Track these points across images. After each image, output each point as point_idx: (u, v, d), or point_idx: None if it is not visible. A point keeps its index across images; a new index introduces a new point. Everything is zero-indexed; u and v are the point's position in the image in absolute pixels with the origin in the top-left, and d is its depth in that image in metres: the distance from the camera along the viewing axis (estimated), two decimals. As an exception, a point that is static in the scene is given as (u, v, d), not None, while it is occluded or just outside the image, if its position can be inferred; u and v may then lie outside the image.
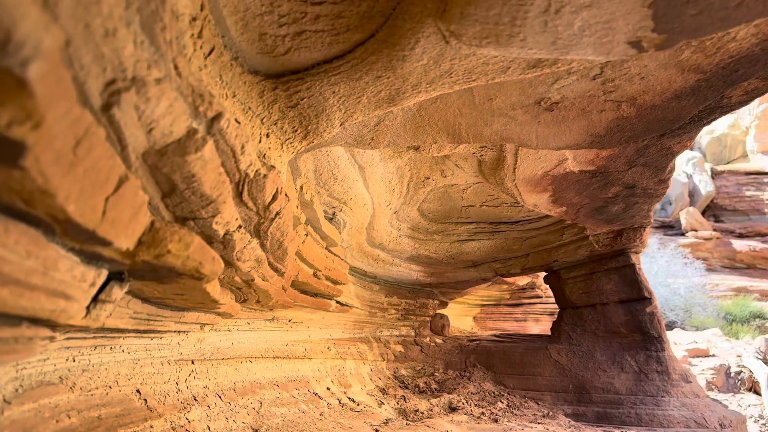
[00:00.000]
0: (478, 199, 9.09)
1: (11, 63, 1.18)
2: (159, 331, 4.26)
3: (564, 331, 10.33)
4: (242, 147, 2.76)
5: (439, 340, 12.73)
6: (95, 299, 2.51)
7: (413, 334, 12.90)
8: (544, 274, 13.58)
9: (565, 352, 10.04)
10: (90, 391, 3.58)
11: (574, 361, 9.83)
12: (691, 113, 3.79)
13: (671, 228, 41.28)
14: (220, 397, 5.57)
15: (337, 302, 9.05)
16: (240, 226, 3.43)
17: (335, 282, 8.25)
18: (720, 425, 8.31)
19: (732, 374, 14.42)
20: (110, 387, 3.80)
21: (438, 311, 13.99)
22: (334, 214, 7.72)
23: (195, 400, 4.96)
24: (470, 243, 10.70)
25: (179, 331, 4.79)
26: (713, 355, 15.92)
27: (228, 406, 5.57)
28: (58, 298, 1.93)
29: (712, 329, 18.33)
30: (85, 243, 2.05)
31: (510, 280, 16.56)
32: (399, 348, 12.08)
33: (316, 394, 8.27)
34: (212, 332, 5.92)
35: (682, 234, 37.22)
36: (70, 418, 3.03)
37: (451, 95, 3.70)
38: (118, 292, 2.67)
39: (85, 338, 3.65)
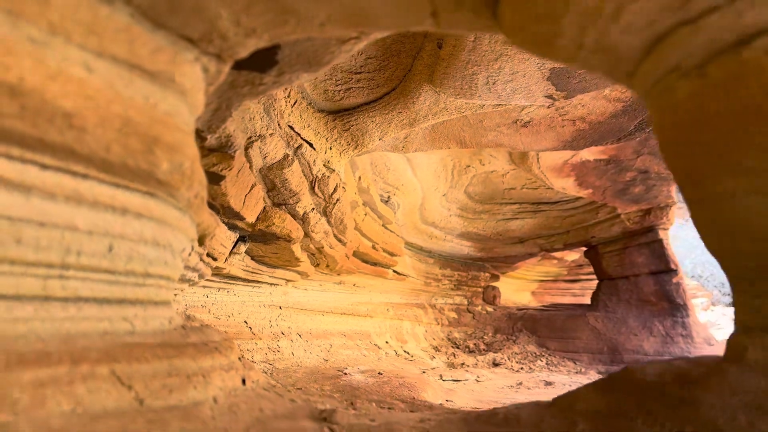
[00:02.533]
0: (517, 182, 10.48)
1: (236, 147, 3.01)
2: (258, 282, 6.24)
3: (601, 300, 11.57)
4: (314, 161, 4.56)
5: (489, 309, 14.27)
6: (231, 252, 4.43)
7: (466, 302, 14.52)
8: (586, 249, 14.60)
9: (602, 319, 11.30)
10: (218, 316, 5.62)
11: (609, 326, 11.09)
12: (631, 126, 5.06)
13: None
14: (299, 335, 7.57)
15: (394, 271, 10.88)
16: (313, 209, 5.26)
17: (391, 254, 10.07)
18: None
19: None
20: (229, 316, 5.83)
21: (491, 284, 15.47)
22: (389, 197, 9.47)
23: (282, 334, 6.97)
24: (515, 221, 12.09)
25: (271, 284, 6.77)
26: None
27: (306, 342, 7.56)
28: (223, 246, 3.82)
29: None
30: (231, 218, 3.94)
31: (565, 256, 17.65)
32: (452, 314, 13.76)
33: (376, 344, 10.18)
34: (294, 289, 7.91)
35: None
36: (210, 321, 5.05)
37: (453, 119, 5.26)
38: (242, 247, 4.58)
39: (214, 282, 5.66)
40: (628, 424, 1.79)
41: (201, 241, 2.87)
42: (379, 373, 6.16)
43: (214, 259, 3.96)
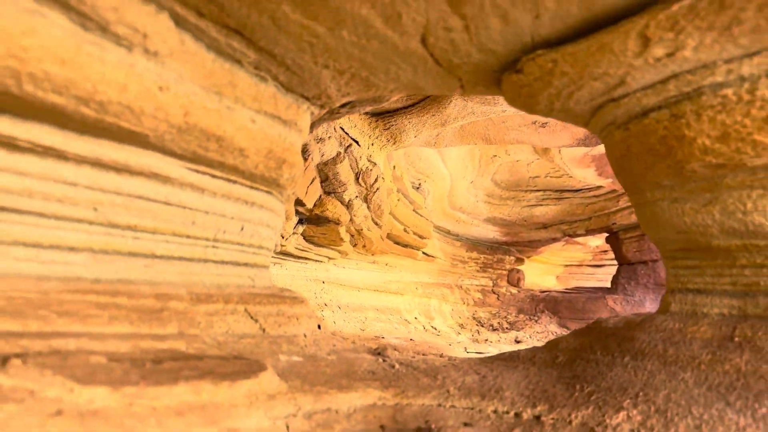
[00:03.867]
0: (542, 171, 11.16)
1: (309, 153, 3.90)
2: (306, 258, 7.20)
3: (620, 283, 12.21)
4: (360, 157, 5.43)
5: (514, 290, 15.03)
6: (293, 230, 5.36)
7: (491, 284, 15.30)
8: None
9: (620, 301, 11.97)
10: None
11: (627, 308, 11.76)
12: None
13: None
14: (339, 307, 8.55)
15: (424, 253, 11.75)
16: (357, 196, 6.15)
17: (421, 236, 10.93)
18: None
19: None
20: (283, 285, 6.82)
21: (516, 267, 16.19)
22: (420, 184, 10.29)
23: (325, 305, 7.95)
24: (539, 207, 12.76)
25: (316, 261, 7.73)
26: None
27: (345, 314, 8.54)
28: (285, 230, 4.75)
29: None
30: (296, 205, 4.85)
31: (588, 242, 18.17)
32: (478, 295, 14.59)
33: (405, 319, 11.11)
34: (334, 267, 8.86)
35: None
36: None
37: (479, 120, 6.01)
38: (300, 228, 5.51)
39: (273, 258, 6.64)
40: (591, 354, 2.64)
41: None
42: (411, 339, 7.07)
43: (282, 237, 4.90)
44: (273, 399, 2.15)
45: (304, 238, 6.39)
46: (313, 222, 5.68)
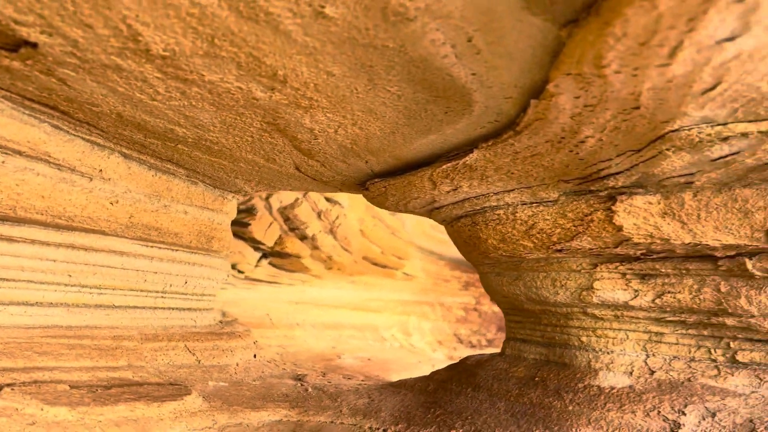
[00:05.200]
0: (514, 197, 11.97)
1: (256, 210, 4.80)
2: (278, 283, 8.08)
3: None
4: (318, 199, 6.31)
5: (496, 309, 15.81)
6: (256, 264, 6.25)
7: (473, 302, 16.10)
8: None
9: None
10: (246, 310, 7.48)
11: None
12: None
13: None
14: (313, 326, 9.41)
15: (403, 273, 12.58)
16: (321, 231, 7.02)
17: (399, 258, 11.76)
18: None
19: None
20: (254, 310, 7.69)
21: (500, 285, 16.96)
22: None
23: (297, 324, 8.81)
24: (516, 230, 13.56)
25: (289, 284, 8.60)
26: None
27: (318, 332, 9.39)
28: (248, 263, 5.64)
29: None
30: (256, 244, 5.75)
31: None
32: (460, 312, 15.38)
33: (382, 336, 11.94)
34: (310, 287, 9.73)
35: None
36: (239, 316, 6.89)
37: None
38: (264, 261, 6.40)
39: (244, 284, 7.52)
40: (450, 385, 3.48)
41: (233, 266, 4.68)
42: (368, 359, 7.89)
43: (242, 272, 5.77)
44: (194, 416, 3.02)
45: (273, 266, 7.27)
46: (277, 255, 6.55)
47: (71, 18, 1.56)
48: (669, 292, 2.64)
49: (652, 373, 2.79)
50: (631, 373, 2.83)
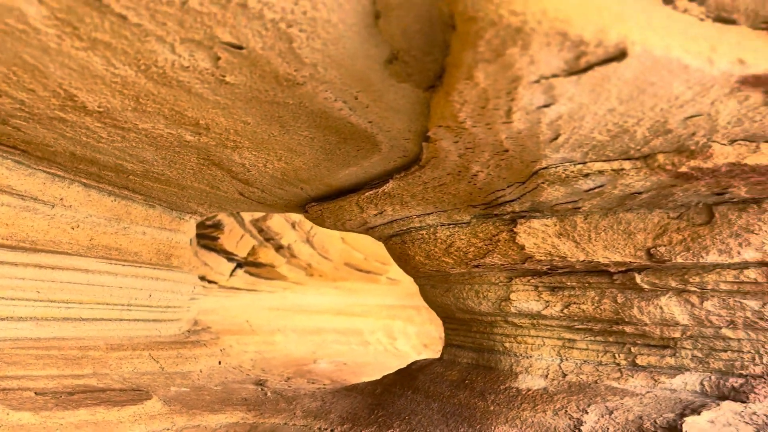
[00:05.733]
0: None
1: (224, 224, 5.12)
2: (257, 290, 8.38)
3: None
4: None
5: (481, 312, 16.13)
6: (231, 274, 6.56)
7: (460, 305, 16.44)
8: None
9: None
10: (225, 317, 7.79)
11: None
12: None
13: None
14: (294, 331, 9.71)
15: (388, 278, 12.88)
16: (296, 240, 7.32)
17: (383, 263, 12.05)
18: None
19: None
20: (234, 317, 7.99)
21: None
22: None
23: (278, 330, 9.12)
24: (498, 235, 13.89)
25: (269, 292, 8.90)
26: None
27: (299, 337, 9.69)
28: (221, 274, 5.95)
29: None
30: (229, 255, 6.06)
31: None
32: (446, 316, 15.71)
33: (366, 340, 12.24)
34: (292, 294, 10.03)
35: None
36: (218, 324, 7.19)
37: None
38: (239, 271, 6.71)
39: (222, 292, 7.83)
40: (394, 388, 3.79)
41: (203, 278, 4.99)
42: (344, 363, 8.20)
43: (215, 282, 6.09)
44: (153, 418, 3.32)
45: (250, 275, 7.58)
46: (251, 265, 6.86)
47: (16, 84, 1.88)
48: (575, 303, 2.96)
49: (565, 376, 3.11)
50: (546, 376, 3.14)
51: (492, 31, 1.28)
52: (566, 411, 2.92)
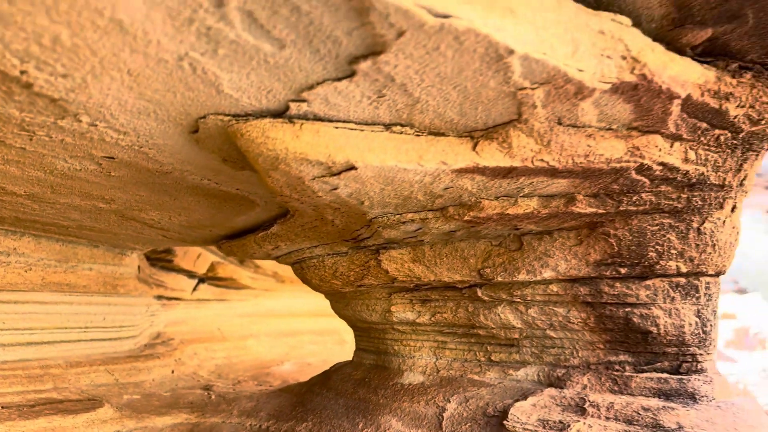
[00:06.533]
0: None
1: (174, 252, 5.83)
2: (227, 300, 9.10)
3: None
4: (243, 229, 7.34)
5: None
6: (194, 289, 7.27)
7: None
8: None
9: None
10: (194, 327, 8.50)
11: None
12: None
13: (785, 187, 39.43)
14: (267, 335, 10.44)
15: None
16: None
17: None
18: None
19: (751, 335, 16.86)
20: (204, 326, 8.71)
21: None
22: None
23: (251, 335, 9.85)
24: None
25: (240, 300, 9.62)
26: (738, 319, 17.94)
27: (273, 341, 10.42)
28: (182, 290, 6.66)
29: (754, 294, 19.97)
30: (189, 273, 6.78)
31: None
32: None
33: (343, 339, 12.99)
34: (265, 300, 10.75)
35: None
36: (187, 334, 7.91)
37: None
38: (202, 286, 7.42)
39: (191, 303, 8.54)
40: (315, 388, 4.51)
41: (161, 297, 5.71)
42: (308, 364, 8.94)
43: (177, 298, 6.80)
44: (105, 423, 4.05)
45: (216, 287, 8.29)
46: (212, 281, 7.57)
47: (-40, 183, 2.58)
48: (439, 312, 3.67)
49: (438, 371, 3.83)
50: (424, 372, 3.87)
51: (262, 157, 1.99)
52: (435, 401, 3.64)
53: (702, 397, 2.95)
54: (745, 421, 2.93)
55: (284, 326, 11.38)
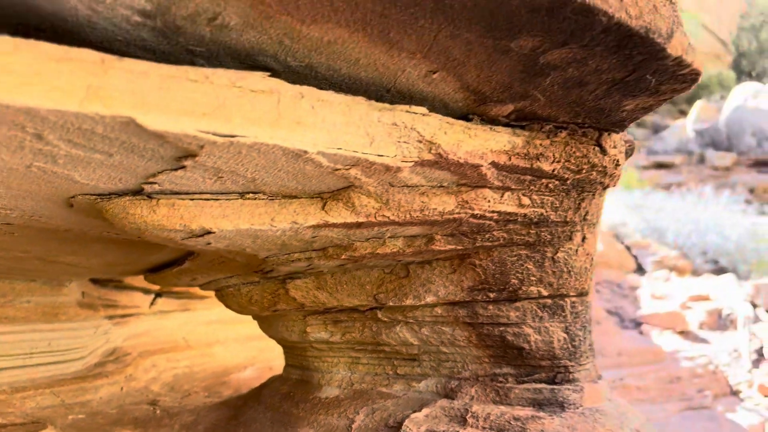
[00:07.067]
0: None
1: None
2: (191, 309, 9.45)
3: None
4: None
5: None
6: (152, 303, 7.62)
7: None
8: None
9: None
10: (157, 338, 8.85)
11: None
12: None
13: (766, 165, 39.81)
14: (235, 341, 10.82)
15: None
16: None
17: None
18: (617, 354, 12.31)
19: (723, 316, 17.42)
20: (168, 336, 9.06)
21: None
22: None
23: (217, 341, 10.22)
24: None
25: (205, 309, 9.97)
26: (712, 300, 18.42)
27: (240, 346, 10.80)
28: (138, 306, 7.01)
29: (728, 275, 20.43)
30: (143, 289, 7.12)
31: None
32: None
33: (314, 340, 13.41)
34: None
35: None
36: (150, 346, 8.25)
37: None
38: (159, 300, 7.76)
39: (154, 316, 8.88)
40: (250, 401, 4.90)
41: (113, 316, 6.06)
42: (269, 368, 9.35)
43: (131, 315, 7.16)
44: (49, 443, 4.41)
45: (176, 299, 8.63)
46: (168, 294, 7.93)
47: None
48: (348, 332, 4.05)
49: (352, 385, 4.23)
50: (340, 386, 4.26)
51: (127, 227, 2.34)
52: (346, 413, 4.03)
53: (570, 405, 3.35)
54: (604, 425, 3.34)
55: (251, 331, 11.71)
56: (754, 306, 16.78)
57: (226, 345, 10.52)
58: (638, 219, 25.39)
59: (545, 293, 3.22)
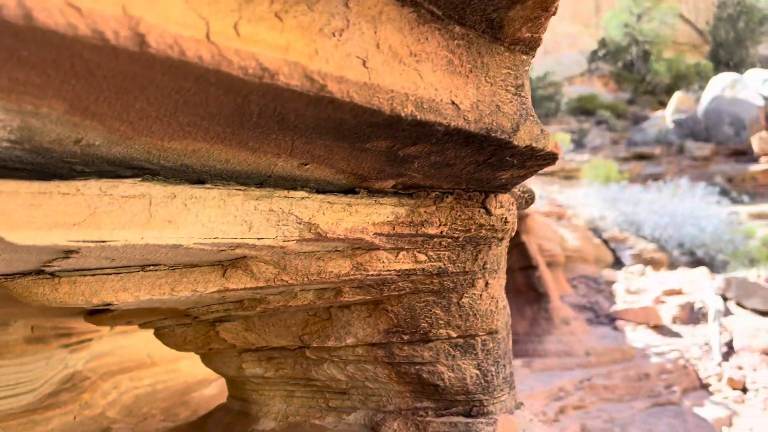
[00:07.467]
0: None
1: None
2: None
3: (480, 295, 14.85)
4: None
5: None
6: (112, 326, 7.77)
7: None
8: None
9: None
10: (122, 356, 9.00)
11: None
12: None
13: (744, 155, 40.50)
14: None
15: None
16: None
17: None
18: (585, 354, 12.66)
19: (695, 310, 17.81)
20: (133, 354, 9.22)
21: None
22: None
23: (183, 356, 10.38)
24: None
25: (172, 323, 10.11)
26: (685, 294, 18.80)
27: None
28: (98, 330, 7.16)
29: (701, 269, 20.86)
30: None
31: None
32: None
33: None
34: (201, 318, 11.27)
35: (755, 160, 35.23)
36: (113, 366, 8.40)
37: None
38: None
39: (117, 334, 9.02)
40: (195, 429, 5.11)
41: (69, 345, 6.21)
42: (235, 384, 9.61)
43: (90, 340, 7.31)
44: (-4, 479, 4.58)
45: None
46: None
47: None
48: (281, 368, 4.26)
49: (287, 418, 4.44)
50: (276, 419, 4.47)
51: (33, 303, 2.53)
52: (280, 445, 4.26)
53: (483, 436, 3.58)
54: (513, 456, 3.59)
55: (223, 342, 11.93)
56: (725, 299, 17.27)
57: (191, 359, 10.66)
58: (616, 212, 25.80)
59: (454, 335, 3.44)
